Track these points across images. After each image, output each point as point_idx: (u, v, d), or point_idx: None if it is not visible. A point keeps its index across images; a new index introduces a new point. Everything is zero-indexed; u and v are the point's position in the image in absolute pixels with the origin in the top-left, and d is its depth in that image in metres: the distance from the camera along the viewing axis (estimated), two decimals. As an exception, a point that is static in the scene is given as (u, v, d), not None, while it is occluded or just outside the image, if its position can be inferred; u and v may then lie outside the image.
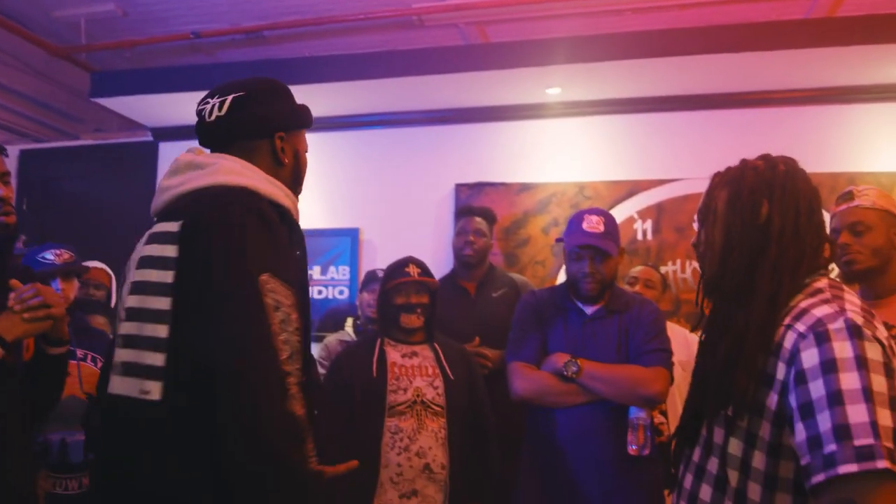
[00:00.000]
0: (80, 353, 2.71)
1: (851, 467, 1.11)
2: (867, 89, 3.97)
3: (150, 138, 5.00)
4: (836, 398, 1.16)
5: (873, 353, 1.19)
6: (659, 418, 3.07)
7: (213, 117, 1.54)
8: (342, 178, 4.60)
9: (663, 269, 4.04)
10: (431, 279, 2.79)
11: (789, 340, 1.27)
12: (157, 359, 1.30)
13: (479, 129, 4.47)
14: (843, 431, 1.13)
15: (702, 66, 3.79)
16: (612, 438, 2.36)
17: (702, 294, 1.50)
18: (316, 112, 1.69)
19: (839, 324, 1.22)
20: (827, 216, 2.39)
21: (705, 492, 1.38)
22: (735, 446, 1.32)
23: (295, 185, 1.61)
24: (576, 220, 2.54)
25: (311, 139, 1.53)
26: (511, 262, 4.24)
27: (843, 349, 1.19)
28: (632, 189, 4.16)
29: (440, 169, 4.48)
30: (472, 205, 3.94)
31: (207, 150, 1.58)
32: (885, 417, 1.13)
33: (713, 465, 1.37)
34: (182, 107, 4.41)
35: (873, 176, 3.81)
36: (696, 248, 1.54)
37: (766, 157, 1.50)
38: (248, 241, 1.31)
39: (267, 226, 1.36)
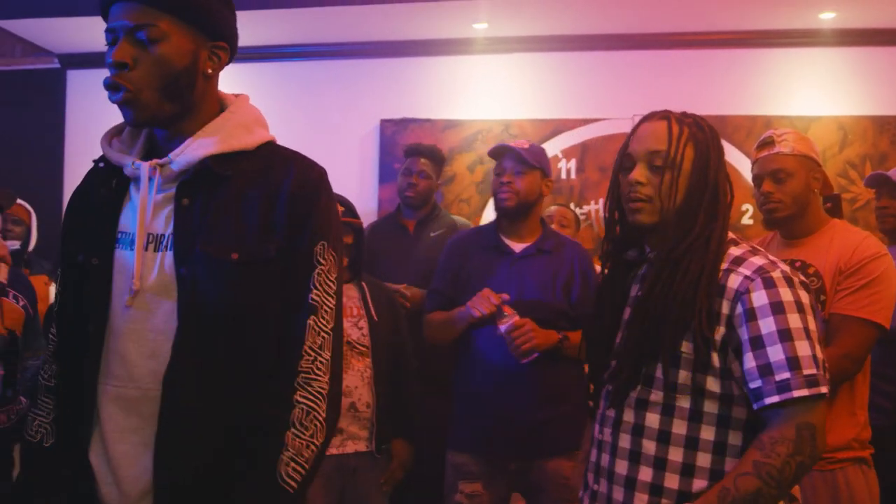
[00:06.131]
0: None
1: (804, 391, 1.36)
2: (784, 34, 4.05)
3: (57, 65, 4.74)
4: (785, 334, 1.39)
5: (805, 298, 1.44)
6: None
7: None
8: (263, 112, 4.43)
9: (586, 209, 4.11)
10: (355, 219, 2.74)
11: (734, 281, 1.45)
12: None
13: (405, 64, 4.39)
14: (794, 362, 1.38)
15: (626, 5, 3.80)
16: (539, 371, 2.40)
17: (636, 233, 1.60)
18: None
19: (778, 273, 1.44)
20: (747, 160, 2.47)
21: (652, 419, 1.49)
22: (684, 377, 1.46)
23: None
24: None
25: (230, 71, 1.47)
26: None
27: (786, 294, 1.42)
28: (556, 128, 4.18)
29: (365, 104, 4.40)
30: (422, 144, 3.72)
31: None
32: (819, 351, 1.41)
33: (657, 396, 1.49)
34: (92, 32, 4.17)
35: (788, 119, 3.93)
36: (636, 185, 1.54)
37: (699, 117, 1.59)
38: None
39: None
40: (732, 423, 1.45)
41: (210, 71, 1.40)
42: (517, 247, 2.54)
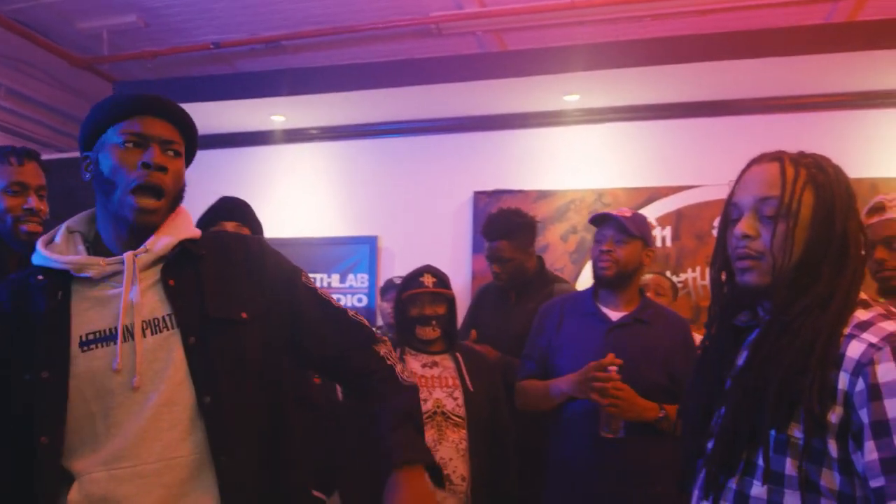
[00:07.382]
0: None
1: None
2: (887, 94, 3.93)
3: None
4: None
5: None
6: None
7: None
8: (360, 187, 4.62)
9: (682, 276, 4.03)
10: (447, 290, 2.72)
11: (856, 350, 1.17)
12: None
13: (498, 137, 4.48)
14: None
15: (720, 71, 3.78)
16: (632, 446, 2.33)
17: (747, 295, 1.35)
18: (334, 121, 1.72)
19: None
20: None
21: None
22: (792, 467, 1.19)
23: None
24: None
25: (331, 148, 1.56)
26: (529, 269, 4.22)
27: None
28: (651, 196, 4.15)
29: (458, 176, 4.49)
30: (499, 218, 3.29)
31: None
32: None
33: (759, 490, 1.23)
34: (203, 116, 4.37)
35: None
36: (744, 239, 1.32)
37: (820, 157, 1.38)
38: None
39: None
40: None
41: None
42: (614, 315, 2.47)
